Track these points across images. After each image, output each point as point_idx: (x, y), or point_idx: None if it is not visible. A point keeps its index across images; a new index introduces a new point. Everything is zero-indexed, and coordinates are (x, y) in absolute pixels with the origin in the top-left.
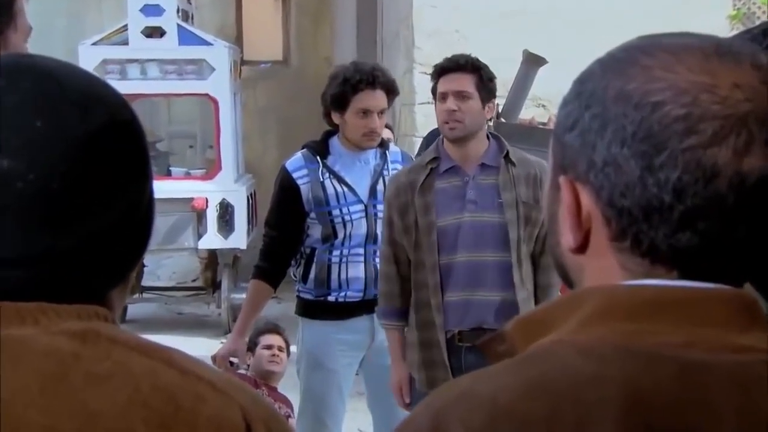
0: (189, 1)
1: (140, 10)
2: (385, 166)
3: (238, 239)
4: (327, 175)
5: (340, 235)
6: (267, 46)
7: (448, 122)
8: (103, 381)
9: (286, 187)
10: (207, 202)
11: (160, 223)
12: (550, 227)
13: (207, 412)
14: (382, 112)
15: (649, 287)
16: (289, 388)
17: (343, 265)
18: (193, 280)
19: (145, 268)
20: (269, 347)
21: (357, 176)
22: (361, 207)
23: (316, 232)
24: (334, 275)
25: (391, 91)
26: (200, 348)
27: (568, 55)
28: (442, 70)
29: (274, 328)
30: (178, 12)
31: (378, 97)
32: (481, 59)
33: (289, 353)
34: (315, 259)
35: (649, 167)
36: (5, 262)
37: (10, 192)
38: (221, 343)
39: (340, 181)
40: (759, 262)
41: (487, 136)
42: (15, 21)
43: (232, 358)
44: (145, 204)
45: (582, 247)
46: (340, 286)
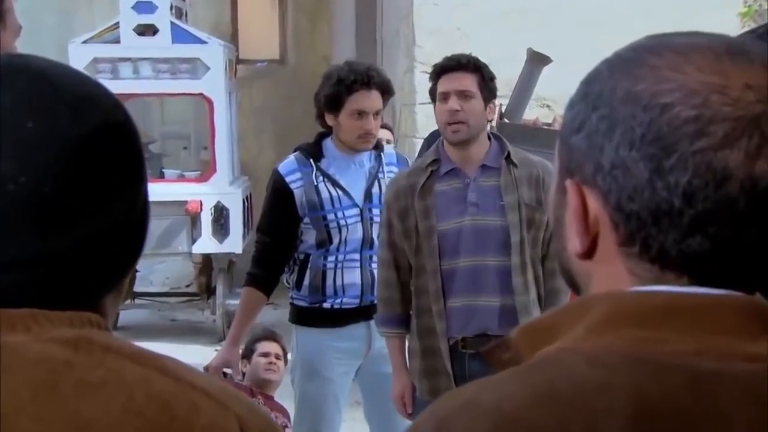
0: None
1: (132, 7)
2: (380, 169)
3: (234, 243)
4: (321, 179)
5: (335, 241)
6: (263, 45)
7: (451, 123)
8: (96, 389)
9: (279, 192)
10: (201, 205)
11: (153, 227)
12: (556, 232)
13: (202, 422)
14: (377, 113)
15: (658, 293)
16: (286, 397)
17: (339, 271)
18: (187, 286)
19: (138, 273)
20: (266, 355)
21: (352, 179)
22: (357, 211)
23: (310, 237)
24: (329, 281)
25: (387, 91)
26: (194, 356)
27: (573, 54)
28: (443, 69)
29: (271, 335)
30: (171, 9)
31: (373, 98)
32: (484, 58)
33: (286, 361)
34: (309, 265)
35: (659, 170)
36: None
37: (1, 195)
38: (216, 351)
39: (335, 184)
40: None
41: (488, 137)
42: (4, 19)
43: (225, 369)
44: (140, 207)
45: (589, 253)
46: (336, 293)
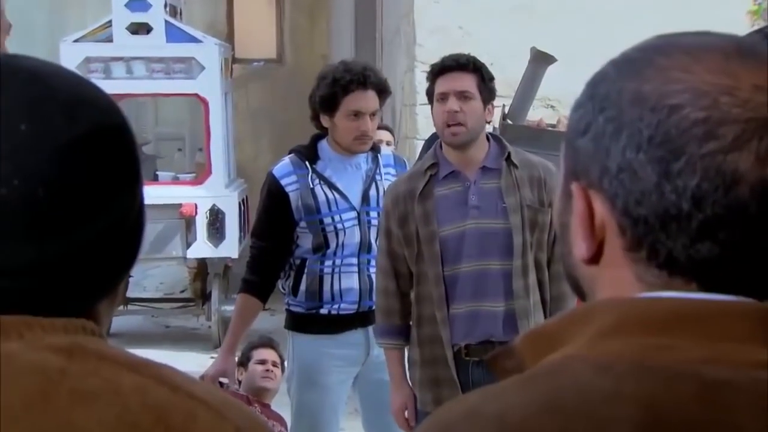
0: None
1: (125, 5)
2: (378, 171)
3: (229, 248)
4: (317, 181)
5: (332, 245)
6: (260, 44)
7: (450, 125)
8: (91, 398)
9: (274, 195)
10: (196, 208)
11: (147, 231)
12: (562, 237)
13: None
14: (374, 114)
15: (667, 300)
16: (283, 406)
17: (336, 276)
18: (182, 291)
19: (131, 279)
20: (263, 362)
21: (348, 182)
22: (354, 214)
23: (306, 241)
24: (327, 287)
25: (383, 91)
26: (189, 363)
27: (578, 53)
28: (441, 69)
29: (268, 342)
30: (165, 7)
31: (370, 98)
32: (487, 57)
33: (283, 369)
34: (306, 271)
35: (667, 174)
36: None
37: None
38: (211, 358)
39: (331, 187)
40: None
41: (487, 138)
42: None
43: (221, 379)
44: (136, 211)
45: (595, 258)
46: (333, 298)
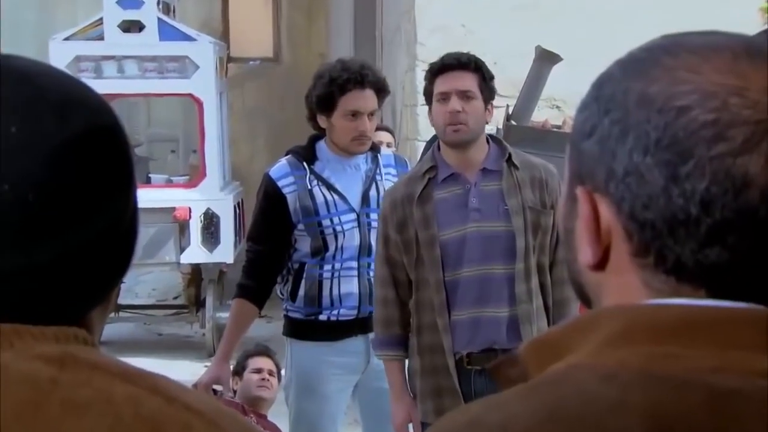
0: None
1: (117, 3)
2: (378, 171)
3: (224, 253)
4: (315, 183)
5: (331, 248)
6: (256, 42)
7: (452, 124)
8: (83, 409)
9: (271, 197)
10: (190, 212)
11: (139, 235)
12: (566, 242)
13: None
14: (372, 114)
15: (675, 307)
16: (280, 416)
17: (335, 281)
18: (175, 298)
19: (122, 285)
20: (258, 371)
21: (348, 183)
22: (353, 216)
23: (304, 245)
24: (326, 292)
25: (382, 90)
26: (183, 372)
27: (584, 52)
28: (443, 67)
29: (264, 351)
30: (158, 4)
31: (367, 98)
32: (490, 56)
33: (280, 378)
34: (304, 275)
35: (674, 177)
36: None
37: None
38: (205, 367)
39: (330, 188)
40: None
41: (486, 140)
42: None
43: (215, 386)
44: (129, 215)
45: (601, 264)
46: (332, 304)
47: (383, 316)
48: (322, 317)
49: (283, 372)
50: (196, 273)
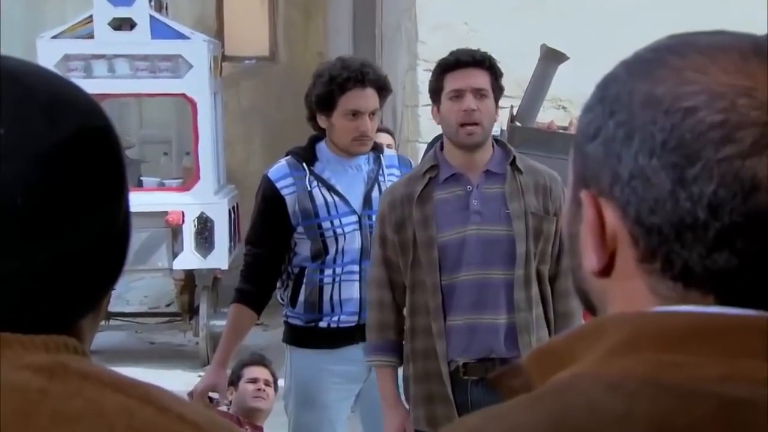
0: None
1: None
2: (380, 172)
3: (219, 258)
4: (315, 184)
5: (332, 251)
6: (251, 40)
7: (464, 124)
8: (73, 421)
9: (269, 199)
10: (183, 216)
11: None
12: (571, 248)
13: None
14: (373, 113)
15: (682, 314)
16: (278, 427)
17: (336, 286)
18: (167, 305)
19: (113, 292)
20: (254, 381)
21: (349, 184)
22: (355, 218)
23: (304, 249)
24: (326, 297)
25: (383, 89)
26: (176, 382)
27: (591, 51)
28: (456, 64)
29: (260, 360)
30: (150, 1)
31: (368, 97)
32: (494, 55)
33: (276, 388)
34: (304, 280)
35: (681, 180)
36: None
37: None
38: (199, 377)
39: (330, 189)
40: None
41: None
42: None
43: (211, 394)
44: (121, 220)
45: (606, 270)
46: (333, 309)
47: (378, 320)
48: (322, 324)
49: (280, 382)
50: (190, 279)
